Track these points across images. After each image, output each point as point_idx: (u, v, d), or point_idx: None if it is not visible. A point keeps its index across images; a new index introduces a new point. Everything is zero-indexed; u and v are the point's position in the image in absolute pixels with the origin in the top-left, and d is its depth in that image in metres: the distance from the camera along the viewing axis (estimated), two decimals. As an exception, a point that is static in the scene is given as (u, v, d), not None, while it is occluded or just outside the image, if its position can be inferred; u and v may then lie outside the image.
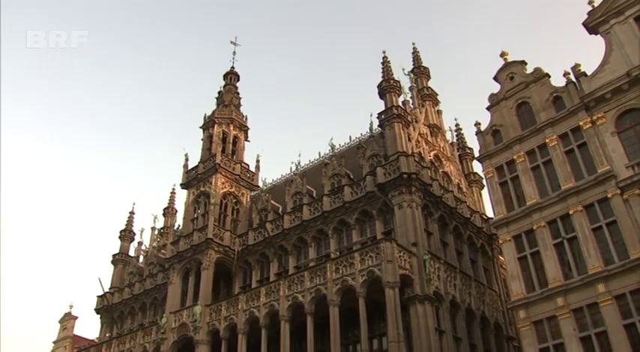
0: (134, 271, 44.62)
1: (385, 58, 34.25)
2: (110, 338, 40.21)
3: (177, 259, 36.07)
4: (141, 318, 41.35)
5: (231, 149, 40.36)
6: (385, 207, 29.62)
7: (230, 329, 30.66)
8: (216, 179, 37.52)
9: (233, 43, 45.26)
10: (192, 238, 35.65)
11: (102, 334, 43.09)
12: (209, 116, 41.66)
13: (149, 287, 41.47)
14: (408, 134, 31.86)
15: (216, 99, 43.35)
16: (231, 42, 45.25)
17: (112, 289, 44.31)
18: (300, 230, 32.87)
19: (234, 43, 45.29)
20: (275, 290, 29.46)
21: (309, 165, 39.85)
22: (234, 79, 44.62)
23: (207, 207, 36.93)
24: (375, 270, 25.64)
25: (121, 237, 47.30)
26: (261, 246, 34.49)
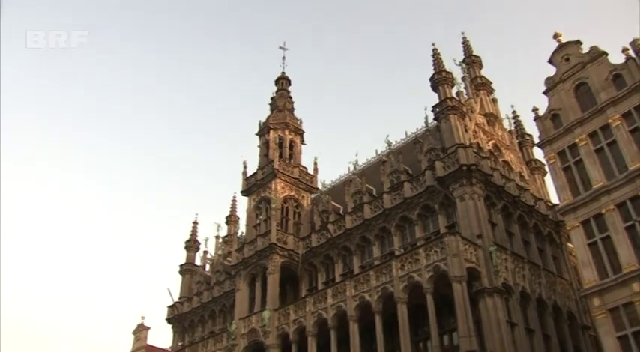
0: (201, 280, 45.43)
1: (435, 50, 33.89)
2: (182, 346, 41.02)
3: (243, 266, 36.49)
4: (211, 326, 42.00)
5: (288, 153, 40.61)
6: (447, 201, 29.25)
7: (299, 332, 30.79)
8: (275, 184, 37.81)
9: (282, 48, 45.56)
10: (256, 244, 36.01)
11: (174, 343, 44.02)
12: (264, 122, 42.06)
13: (217, 294, 42.09)
14: (464, 125, 31.40)
15: (270, 105, 43.75)
16: (279, 47, 45.55)
17: (181, 299, 45.24)
18: (363, 229, 32.77)
19: (283, 48, 45.58)
20: (341, 290, 29.45)
21: (366, 164, 39.72)
22: (285, 83, 44.88)
23: (268, 212, 37.27)
24: (441, 265, 25.34)
25: (186, 247, 48.23)
26: (325, 247, 34.54)
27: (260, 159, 40.90)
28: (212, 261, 47.10)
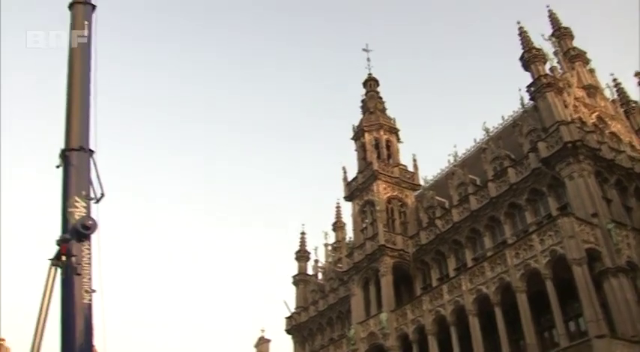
0: (315, 288, 45.88)
1: (521, 28, 32.62)
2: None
3: (355, 270, 36.53)
4: (330, 333, 42.24)
5: (386, 153, 40.33)
6: (555, 182, 28.02)
7: (418, 332, 30.40)
8: (377, 186, 37.64)
9: (365, 49, 45.34)
10: (365, 248, 35.96)
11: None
12: (357, 126, 42.04)
13: (332, 301, 42.31)
14: (563, 101, 29.96)
15: (361, 107, 43.67)
16: (363, 49, 45.34)
17: (297, 309, 45.90)
18: (471, 221, 31.95)
19: (366, 50, 45.34)
20: (457, 285, 28.86)
21: (466, 154, 38.75)
22: (373, 85, 44.66)
23: (373, 214, 37.16)
24: (558, 249, 24.29)
25: (297, 258, 48.91)
26: (435, 243, 33.95)
27: (358, 162, 40.89)
28: (324, 269, 47.47)
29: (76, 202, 11.00)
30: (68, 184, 11.30)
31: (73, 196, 11.05)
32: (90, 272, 10.78)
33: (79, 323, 10.29)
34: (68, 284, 10.36)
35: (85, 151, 11.72)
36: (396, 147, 41.18)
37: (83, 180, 11.44)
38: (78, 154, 11.61)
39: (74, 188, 11.21)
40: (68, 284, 10.36)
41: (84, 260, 10.67)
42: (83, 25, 13.55)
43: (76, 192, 11.14)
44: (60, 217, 11.01)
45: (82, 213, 10.92)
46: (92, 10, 14.14)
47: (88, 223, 10.68)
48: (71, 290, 10.34)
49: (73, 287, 10.36)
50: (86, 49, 13.25)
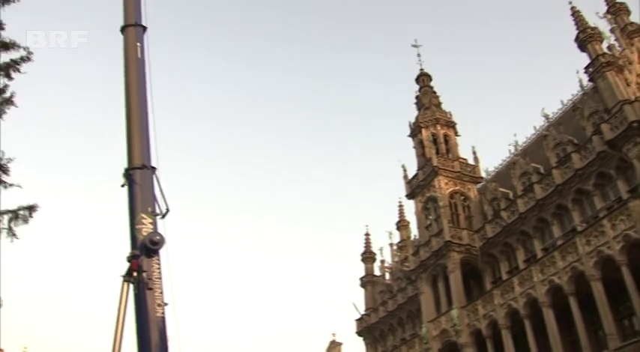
0: (384, 289, 45.70)
1: (574, 8, 31.64)
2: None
3: (422, 268, 36.24)
4: (401, 333, 41.98)
5: (445, 148, 39.91)
6: (623, 164, 27.06)
7: (491, 327, 29.93)
8: (438, 181, 37.28)
9: (414, 45, 44.93)
10: (431, 245, 35.64)
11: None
12: (413, 123, 41.75)
13: (401, 301, 42.04)
14: (624, 79, 28.86)
15: (416, 104, 43.34)
16: (412, 45, 44.94)
17: (367, 310, 45.85)
18: (537, 210, 31.19)
19: (416, 45, 44.92)
20: (528, 277, 28.25)
21: (527, 142, 37.84)
22: (426, 80, 44.25)
23: (437, 211, 36.79)
24: (631, 233, 23.48)
25: (363, 259, 48.87)
26: (502, 236, 33.30)
27: (418, 159, 40.61)
28: (390, 268, 47.24)
29: (143, 219, 11.27)
30: (134, 202, 11.59)
31: (140, 213, 11.33)
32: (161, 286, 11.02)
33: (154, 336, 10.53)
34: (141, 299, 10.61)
35: (147, 169, 12.03)
36: (455, 140, 40.69)
37: (148, 197, 11.71)
38: (141, 172, 11.91)
39: (140, 205, 11.49)
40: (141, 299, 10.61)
41: (154, 274, 10.92)
42: (136, 46, 13.92)
43: (142, 209, 11.42)
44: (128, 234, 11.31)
45: (149, 229, 11.19)
46: (143, 31, 14.54)
47: (155, 239, 10.93)
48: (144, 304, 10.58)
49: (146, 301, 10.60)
50: (141, 69, 13.61)
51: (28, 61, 14.76)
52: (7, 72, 14.44)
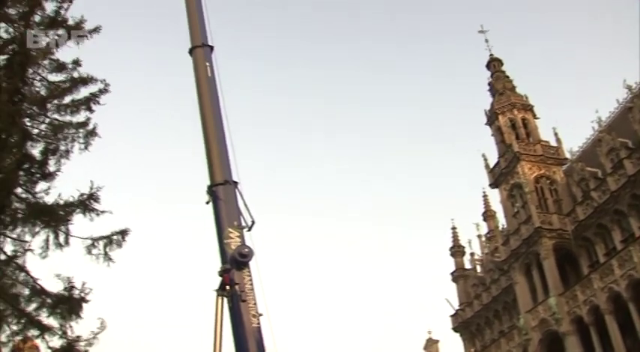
0: (476, 282, 44.73)
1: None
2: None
3: (514, 258, 35.34)
4: (498, 326, 40.92)
5: (525, 132, 38.88)
6: None
7: (593, 313, 28.84)
8: (521, 167, 36.33)
9: (481, 31, 43.87)
10: (521, 233, 34.74)
11: (466, 350, 43.74)
12: (489, 110, 40.90)
13: (496, 293, 41.01)
14: None
15: (489, 90, 42.42)
16: (479, 31, 43.91)
17: (461, 305, 44.99)
18: (630, 187, 29.77)
19: (482, 31, 43.85)
20: (627, 258, 27.19)
21: (610, 117, 36.16)
22: (498, 65, 43.22)
23: (523, 197, 35.83)
24: None
25: (452, 253, 47.99)
26: (594, 217, 32.00)
27: (497, 146, 39.73)
28: (481, 261, 46.19)
29: (230, 233, 11.44)
30: (220, 217, 11.77)
31: (227, 228, 11.50)
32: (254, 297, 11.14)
33: (252, 347, 10.65)
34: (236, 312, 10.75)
35: (229, 184, 12.21)
36: (534, 123, 39.57)
37: (233, 211, 11.86)
38: (224, 188, 12.08)
39: (226, 220, 11.65)
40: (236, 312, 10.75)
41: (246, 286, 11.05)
42: (205, 66, 14.19)
43: (228, 224, 11.59)
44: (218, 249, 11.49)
45: (237, 242, 11.34)
46: (211, 50, 14.81)
47: (244, 251, 11.03)
48: (239, 316, 10.72)
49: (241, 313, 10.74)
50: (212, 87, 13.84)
51: (106, 92, 15.35)
52: (88, 105, 15.05)
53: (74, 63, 15.40)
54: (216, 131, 13.03)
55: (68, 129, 14.60)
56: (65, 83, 15.12)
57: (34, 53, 15.18)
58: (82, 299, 13.08)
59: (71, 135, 14.59)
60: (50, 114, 14.77)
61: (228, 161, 12.67)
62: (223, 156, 12.70)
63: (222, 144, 12.88)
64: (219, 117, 13.31)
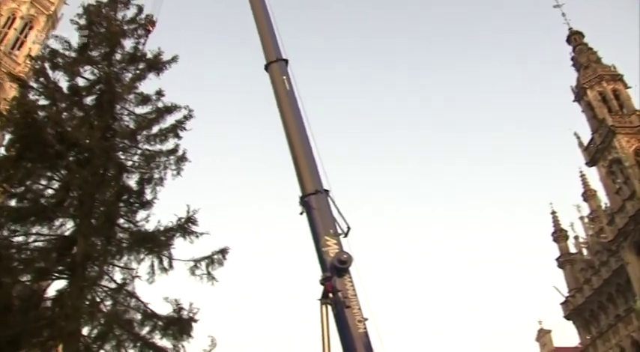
0: (584, 266, 42.80)
1: None
2: (592, 339, 38.87)
3: (622, 237, 33.77)
4: (614, 310, 38.92)
5: (617, 104, 37.24)
6: None
7: None
8: (618, 141, 34.77)
9: (556, 5, 42.28)
10: (626, 210, 33.21)
11: (582, 337, 41.92)
12: (575, 86, 39.40)
13: (606, 276, 39.07)
14: None
15: (572, 66, 40.86)
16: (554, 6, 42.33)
17: (570, 292, 43.16)
18: None
19: (558, 5, 42.24)
20: None
21: None
22: (579, 38, 41.64)
23: (624, 172, 34.26)
24: None
25: (555, 239, 46.24)
26: None
27: (590, 123, 38.25)
28: (586, 243, 44.25)
29: (327, 241, 11.50)
30: (315, 227, 11.89)
31: (323, 236, 11.58)
32: (358, 303, 11.11)
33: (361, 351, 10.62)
34: (341, 318, 10.77)
35: (321, 193, 12.27)
36: (626, 94, 37.79)
37: (327, 219, 11.95)
38: (316, 197, 12.20)
39: (322, 228, 11.75)
40: (341, 318, 10.77)
41: (349, 292, 11.05)
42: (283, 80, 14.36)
43: (324, 232, 11.66)
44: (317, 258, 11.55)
45: (335, 249, 11.37)
46: (286, 64, 14.98)
47: (343, 258, 11.08)
48: (345, 323, 10.74)
49: (346, 319, 10.75)
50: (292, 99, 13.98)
51: (190, 118, 15.87)
52: (175, 132, 15.63)
53: (157, 94, 16.07)
54: (302, 143, 13.14)
55: (159, 158, 15.18)
56: (151, 114, 15.80)
57: (120, 90, 15.90)
58: (191, 319, 13.49)
59: (163, 163, 15.18)
60: (141, 145, 15.46)
61: (317, 170, 12.76)
62: (312, 166, 12.80)
63: (309, 155, 12.98)
64: (302, 129, 13.42)
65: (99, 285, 13.53)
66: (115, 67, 16.52)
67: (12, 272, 12.66)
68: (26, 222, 13.67)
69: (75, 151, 14.46)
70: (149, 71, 16.58)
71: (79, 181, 13.57)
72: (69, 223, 14.18)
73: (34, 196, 14.04)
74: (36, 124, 13.85)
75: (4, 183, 14.08)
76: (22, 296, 12.85)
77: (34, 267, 13.08)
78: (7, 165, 13.98)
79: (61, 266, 13.58)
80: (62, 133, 14.12)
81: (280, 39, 15.54)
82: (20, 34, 54.22)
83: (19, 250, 13.60)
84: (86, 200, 13.75)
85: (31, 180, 14.14)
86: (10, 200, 14.25)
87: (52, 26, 57.04)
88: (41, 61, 16.12)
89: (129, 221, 14.49)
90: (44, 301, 13.45)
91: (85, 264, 13.25)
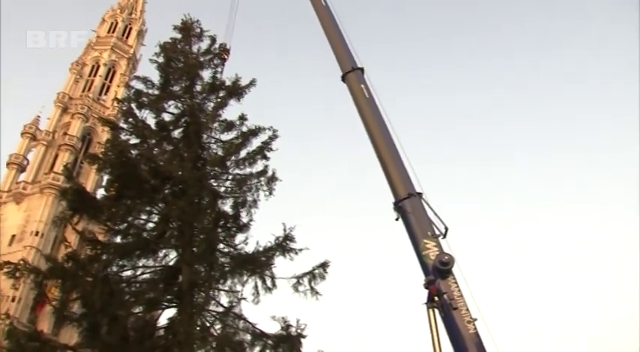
0: None
1: None
2: None
3: None
4: None
5: None
6: None
7: None
8: None
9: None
10: None
11: None
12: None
13: None
14: None
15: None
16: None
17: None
18: None
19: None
20: None
21: None
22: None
23: None
24: None
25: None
26: None
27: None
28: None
29: (426, 244, 11.30)
30: (412, 231, 11.68)
31: (422, 240, 11.39)
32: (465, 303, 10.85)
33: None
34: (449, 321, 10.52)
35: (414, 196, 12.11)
36: None
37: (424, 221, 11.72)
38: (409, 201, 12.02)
39: (419, 232, 11.52)
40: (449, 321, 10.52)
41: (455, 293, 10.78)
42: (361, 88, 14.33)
43: (422, 236, 11.47)
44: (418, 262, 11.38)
45: (435, 252, 11.16)
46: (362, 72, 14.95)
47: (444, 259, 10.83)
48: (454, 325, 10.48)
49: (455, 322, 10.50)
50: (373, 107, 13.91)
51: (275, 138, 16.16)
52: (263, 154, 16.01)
53: (240, 118, 16.51)
54: (388, 148, 13.04)
55: (250, 181, 15.56)
56: (237, 139, 16.24)
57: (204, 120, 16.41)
58: (299, 335, 13.64)
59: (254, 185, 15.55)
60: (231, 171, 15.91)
61: (407, 174, 12.61)
62: (401, 170, 12.66)
63: (397, 159, 12.85)
64: (387, 134, 13.32)
65: (207, 310, 13.91)
66: (196, 98, 17.11)
67: (125, 306, 13.21)
68: (132, 257, 14.28)
69: (169, 184, 14.99)
70: (230, 98, 17.07)
71: (177, 212, 14.04)
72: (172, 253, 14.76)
73: (137, 231, 14.63)
74: (130, 163, 14.47)
75: (108, 221, 14.75)
76: (137, 327, 13.35)
77: (144, 299, 13.61)
78: (108, 204, 14.65)
79: (169, 296, 14.08)
80: (155, 168, 14.67)
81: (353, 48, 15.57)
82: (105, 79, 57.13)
83: (128, 284, 14.21)
84: (186, 229, 14.21)
85: (132, 216, 14.74)
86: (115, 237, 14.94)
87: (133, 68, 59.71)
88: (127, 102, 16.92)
89: (228, 245, 14.87)
90: (157, 330, 13.92)
91: (192, 291, 13.66)
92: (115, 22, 61.84)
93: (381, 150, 13.08)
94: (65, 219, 14.83)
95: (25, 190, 46.55)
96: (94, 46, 59.29)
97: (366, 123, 13.70)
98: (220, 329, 13.86)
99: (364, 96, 14.14)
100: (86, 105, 52.30)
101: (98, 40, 59.72)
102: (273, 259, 14.39)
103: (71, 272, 13.33)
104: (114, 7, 63.59)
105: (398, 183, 12.42)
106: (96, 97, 54.91)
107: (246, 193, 15.35)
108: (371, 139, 13.42)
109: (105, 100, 55.50)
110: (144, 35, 63.93)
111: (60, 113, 52.07)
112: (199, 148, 16.03)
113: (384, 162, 12.91)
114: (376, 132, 13.37)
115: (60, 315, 13.24)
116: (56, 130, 50.86)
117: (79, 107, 51.93)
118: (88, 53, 58.72)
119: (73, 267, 13.51)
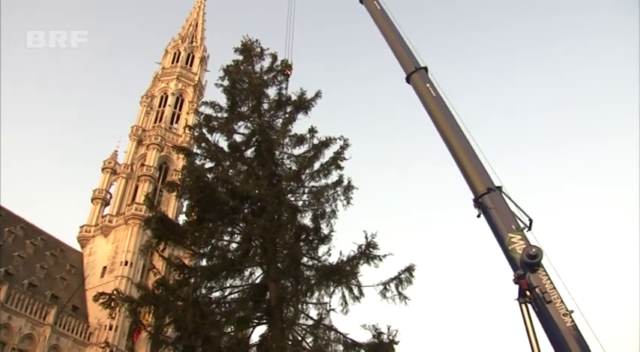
0: None
1: None
2: None
3: None
4: None
5: None
6: None
7: None
8: None
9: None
10: None
11: None
12: None
13: None
14: None
15: None
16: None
17: None
18: None
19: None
20: None
21: None
22: None
23: None
24: None
25: None
26: None
27: None
28: None
29: (512, 238, 11.00)
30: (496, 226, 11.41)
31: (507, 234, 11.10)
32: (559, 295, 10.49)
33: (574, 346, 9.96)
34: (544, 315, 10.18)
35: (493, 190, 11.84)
36: None
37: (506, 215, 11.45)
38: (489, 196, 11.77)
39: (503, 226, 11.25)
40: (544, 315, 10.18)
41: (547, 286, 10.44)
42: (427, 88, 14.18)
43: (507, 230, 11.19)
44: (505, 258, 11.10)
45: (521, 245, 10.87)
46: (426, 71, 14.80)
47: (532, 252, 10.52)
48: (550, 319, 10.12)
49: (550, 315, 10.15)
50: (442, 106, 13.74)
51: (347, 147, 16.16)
52: (336, 164, 16.01)
53: (310, 131, 16.57)
54: (462, 145, 12.83)
55: (327, 192, 15.56)
56: (309, 152, 16.30)
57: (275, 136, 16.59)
58: (392, 341, 13.50)
59: (331, 196, 15.53)
60: (307, 184, 15.97)
61: (483, 168, 12.36)
62: (477, 165, 12.42)
63: (471, 154, 12.63)
64: (459, 131, 13.12)
65: (297, 324, 13.97)
66: (265, 116, 17.33)
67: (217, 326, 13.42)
68: (219, 278, 14.52)
69: (248, 203, 15.20)
70: (297, 112, 17.22)
71: (259, 230, 14.19)
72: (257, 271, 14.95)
73: (221, 252, 14.88)
74: (208, 186, 14.72)
75: (193, 245, 15.10)
76: (230, 346, 13.58)
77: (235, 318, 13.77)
78: (191, 229, 14.97)
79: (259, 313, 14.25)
80: (233, 189, 14.87)
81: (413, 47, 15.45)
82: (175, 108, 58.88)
83: (218, 304, 14.44)
84: (268, 246, 14.35)
85: (214, 238, 15.00)
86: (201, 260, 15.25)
87: (200, 94, 61.43)
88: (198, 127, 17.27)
89: (312, 258, 14.93)
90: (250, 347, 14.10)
91: (280, 306, 13.76)
92: (178, 52, 63.69)
93: (455, 147, 12.89)
94: (151, 247, 15.16)
95: (111, 223, 48.50)
96: (161, 77, 61.31)
97: (436, 121, 13.54)
98: (312, 341, 13.87)
99: (431, 95, 13.98)
100: (159, 136, 54.13)
101: (164, 71, 61.70)
102: (357, 268, 14.30)
103: (162, 298, 13.70)
104: (175, 38, 65.56)
105: (475, 179, 12.19)
106: (168, 126, 56.62)
107: (324, 205, 15.36)
108: (442, 136, 13.26)
109: (176, 129, 57.19)
110: (206, 61, 65.56)
111: (136, 145, 54.07)
112: (273, 165, 16.18)
113: (458, 159, 12.71)
114: (447, 129, 13.20)
115: (156, 340, 13.57)
116: (134, 162, 52.90)
117: (153, 138, 53.79)
118: (155, 85, 60.71)
119: (164, 293, 13.90)
